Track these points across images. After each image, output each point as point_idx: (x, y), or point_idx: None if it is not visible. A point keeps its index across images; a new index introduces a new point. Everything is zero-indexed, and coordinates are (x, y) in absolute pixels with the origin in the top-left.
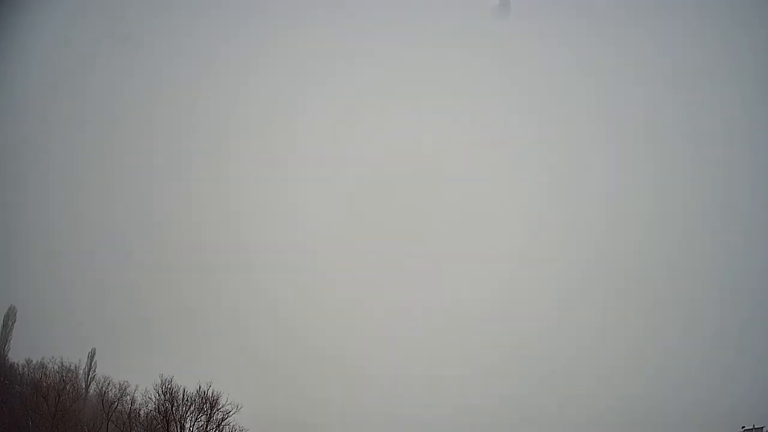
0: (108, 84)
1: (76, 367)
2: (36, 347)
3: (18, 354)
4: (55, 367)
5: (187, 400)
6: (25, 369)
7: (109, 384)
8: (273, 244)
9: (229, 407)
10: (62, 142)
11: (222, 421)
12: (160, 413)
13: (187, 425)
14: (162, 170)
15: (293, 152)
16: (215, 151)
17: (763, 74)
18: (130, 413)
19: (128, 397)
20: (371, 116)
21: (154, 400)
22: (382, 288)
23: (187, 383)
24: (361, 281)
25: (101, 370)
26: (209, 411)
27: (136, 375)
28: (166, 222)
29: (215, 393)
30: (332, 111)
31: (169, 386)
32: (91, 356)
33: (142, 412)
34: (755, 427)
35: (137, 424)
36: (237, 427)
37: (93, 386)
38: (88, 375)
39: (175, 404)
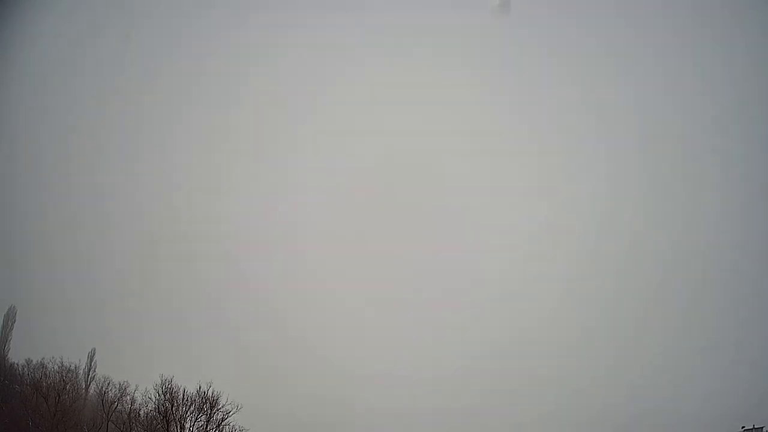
0: (106, 85)
1: (76, 367)
2: (36, 347)
3: (18, 354)
4: (55, 367)
5: (187, 400)
6: (25, 369)
7: (109, 384)
8: (272, 246)
9: (229, 407)
10: (62, 142)
11: (222, 421)
12: (160, 413)
13: (187, 425)
14: (164, 171)
15: (289, 154)
16: (217, 153)
17: (759, 74)
18: (130, 413)
19: (128, 397)
20: (368, 115)
21: (154, 400)
22: (380, 288)
23: (187, 383)
24: (359, 282)
25: (101, 370)
26: (209, 411)
27: (136, 375)
28: (167, 223)
29: (215, 393)
30: (327, 110)
31: (169, 386)
32: (91, 356)
33: (142, 412)
34: (755, 427)
35: (137, 424)
36: (237, 427)
37: (93, 386)
38: (88, 375)
39: (175, 404)
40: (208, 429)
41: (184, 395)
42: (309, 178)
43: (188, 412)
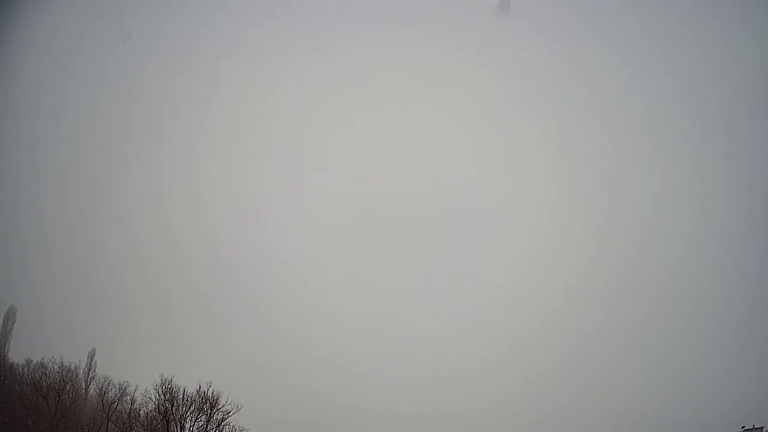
0: (106, 86)
1: (76, 367)
2: (36, 347)
3: (18, 354)
4: (55, 367)
5: (187, 400)
6: (25, 369)
7: (109, 384)
8: (274, 247)
9: (229, 407)
10: (62, 142)
11: (222, 421)
12: (160, 413)
13: (187, 425)
14: (163, 173)
15: (289, 154)
16: (219, 151)
17: (763, 70)
18: (130, 413)
19: (128, 397)
20: (369, 115)
21: (154, 400)
22: (380, 288)
23: (187, 383)
24: (359, 282)
25: (101, 370)
26: (209, 411)
27: (136, 375)
28: (168, 223)
29: (215, 393)
30: (329, 110)
31: (169, 386)
32: (91, 356)
33: (142, 412)
34: (755, 427)
35: (137, 424)
36: (237, 427)
37: (93, 386)
38: (88, 375)
39: (175, 404)
40: (208, 429)
41: (184, 395)
42: (311, 179)
43: (188, 412)
